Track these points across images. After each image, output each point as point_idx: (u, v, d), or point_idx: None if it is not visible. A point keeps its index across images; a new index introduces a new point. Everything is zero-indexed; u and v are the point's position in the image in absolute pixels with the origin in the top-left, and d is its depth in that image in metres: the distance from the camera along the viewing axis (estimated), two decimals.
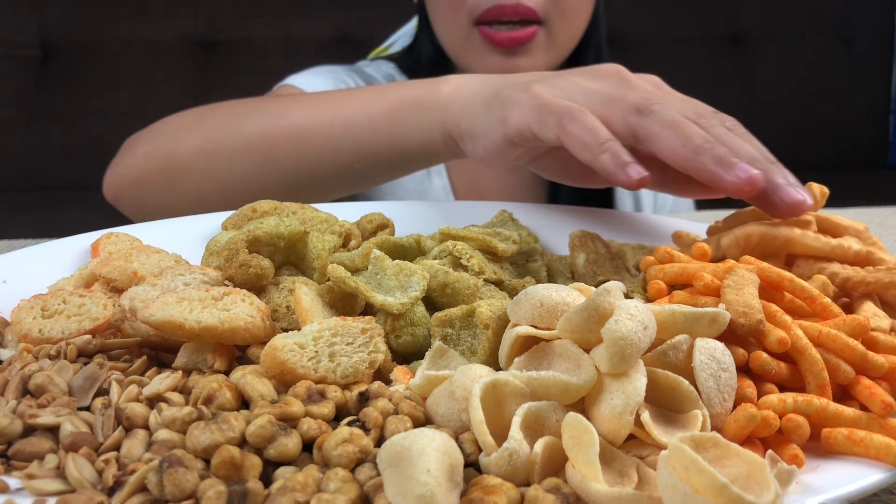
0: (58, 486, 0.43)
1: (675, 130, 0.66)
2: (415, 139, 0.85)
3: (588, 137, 0.67)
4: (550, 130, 0.70)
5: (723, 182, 0.63)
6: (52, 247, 0.73)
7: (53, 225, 1.10)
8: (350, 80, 1.29)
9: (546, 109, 0.71)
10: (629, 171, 0.65)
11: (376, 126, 0.87)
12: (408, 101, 0.86)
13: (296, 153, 0.91)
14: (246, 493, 0.41)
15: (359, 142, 0.88)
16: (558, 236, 0.80)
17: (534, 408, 0.45)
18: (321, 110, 0.91)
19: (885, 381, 0.52)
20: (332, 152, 0.90)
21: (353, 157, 0.89)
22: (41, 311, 0.58)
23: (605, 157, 0.66)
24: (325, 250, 0.64)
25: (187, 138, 0.98)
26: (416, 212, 0.83)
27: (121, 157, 1.04)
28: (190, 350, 0.54)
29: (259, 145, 0.93)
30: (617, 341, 0.45)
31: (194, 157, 0.95)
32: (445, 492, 0.40)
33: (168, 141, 0.99)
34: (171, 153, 0.98)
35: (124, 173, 1.01)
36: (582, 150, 0.68)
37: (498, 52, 1.17)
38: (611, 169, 0.66)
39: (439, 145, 0.84)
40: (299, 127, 0.92)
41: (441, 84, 0.84)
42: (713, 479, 0.38)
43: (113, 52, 2.17)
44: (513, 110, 0.74)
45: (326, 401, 0.48)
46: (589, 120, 0.68)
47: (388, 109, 0.87)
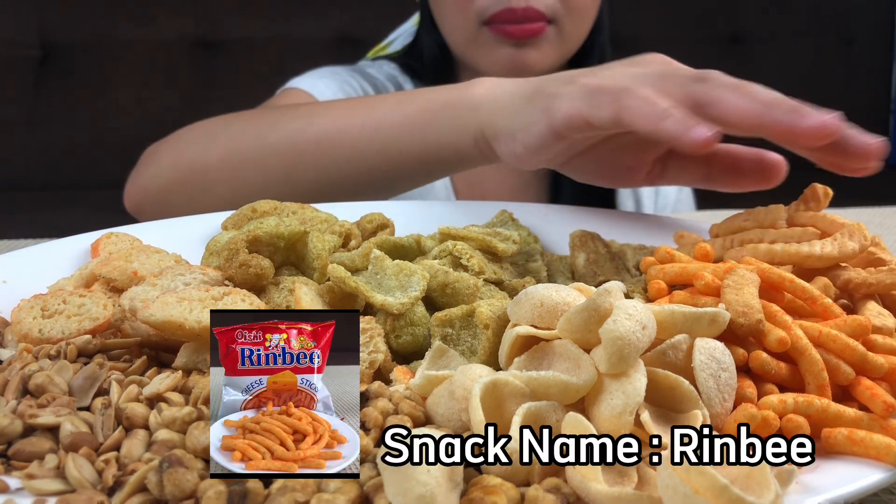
0: (58, 486, 0.43)
1: (739, 90, 0.64)
2: (446, 141, 0.84)
3: (647, 106, 0.65)
4: (605, 110, 0.68)
5: (799, 128, 0.62)
6: (52, 247, 0.73)
7: (53, 225, 1.10)
8: (354, 82, 1.29)
9: (598, 92, 0.68)
10: (697, 130, 0.63)
11: (407, 129, 0.86)
12: (439, 103, 0.84)
13: (324, 159, 0.90)
14: (246, 493, 0.41)
15: (389, 146, 0.87)
16: (558, 236, 0.80)
17: (534, 408, 0.45)
18: (350, 115, 0.90)
19: (885, 382, 0.52)
20: (361, 158, 0.89)
21: (382, 162, 0.88)
22: (41, 311, 0.58)
23: (670, 121, 0.64)
24: (325, 250, 0.64)
25: (212, 147, 0.96)
26: (416, 212, 0.83)
27: (142, 167, 1.02)
28: (190, 350, 0.54)
29: (287, 152, 0.91)
30: (615, 341, 0.46)
31: (220, 167, 0.94)
32: (445, 492, 0.40)
33: (192, 150, 0.98)
34: (196, 163, 0.96)
35: (146, 184, 1.00)
36: (643, 121, 0.65)
37: (507, 45, 1.17)
38: (678, 131, 0.63)
39: (471, 147, 0.82)
40: (328, 133, 0.90)
41: (473, 86, 0.83)
42: (714, 480, 0.38)
43: (113, 52, 2.17)
44: (560, 100, 0.71)
45: None
46: (645, 91, 0.66)
47: (419, 112, 0.85)
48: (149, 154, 1.03)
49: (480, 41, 1.19)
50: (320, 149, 0.90)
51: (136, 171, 1.03)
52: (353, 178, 0.90)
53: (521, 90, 0.77)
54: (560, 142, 0.74)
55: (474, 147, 0.82)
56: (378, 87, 1.31)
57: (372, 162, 0.89)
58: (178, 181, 0.96)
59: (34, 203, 2.04)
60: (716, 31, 2.43)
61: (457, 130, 0.82)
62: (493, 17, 1.16)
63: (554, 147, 0.75)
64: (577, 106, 0.70)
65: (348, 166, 0.90)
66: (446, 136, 0.83)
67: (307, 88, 1.23)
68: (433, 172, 0.91)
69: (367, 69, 1.34)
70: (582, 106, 0.69)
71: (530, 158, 0.77)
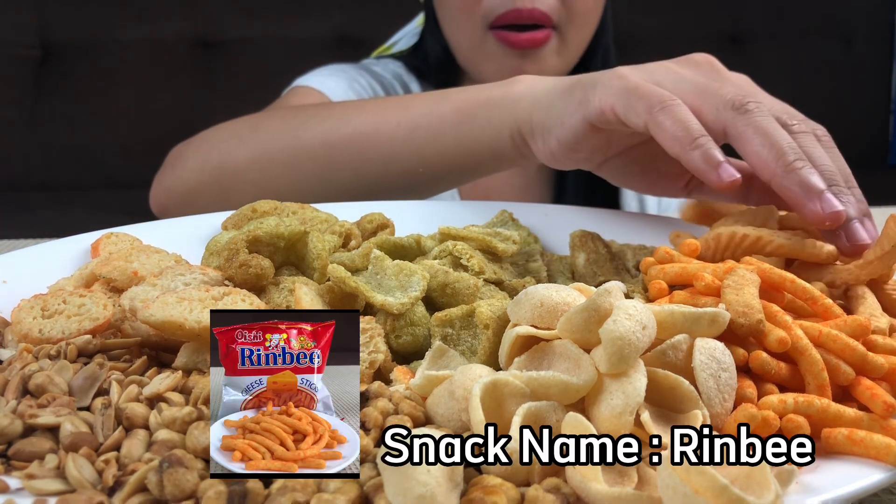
0: (58, 486, 0.43)
1: (767, 139, 0.63)
2: (483, 140, 0.82)
3: (679, 130, 0.64)
4: (638, 116, 0.67)
5: (805, 210, 0.62)
6: (52, 247, 0.73)
7: (53, 225, 1.10)
8: (362, 79, 1.29)
9: (634, 93, 0.67)
10: (721, 171, 0.62)
11: (443, 128, 0.85)
12: (477, 102, 0.83)
13: (359, 160, 0.89)
14: (246, 493, 0.41)
15: (425, 146, 0.86)
16: (558, 236, 0.80)
17: (534, 408, 0.45)
18: (385, 115, 0.89)
19: (885, 382, 0.52)
20: (396, 158, 0.88)
21: (417, 162, 0.87)
22: (41, 311, 0.58)
23: (697, 153, 0.63)
24: (325, 250, 0.64)
25: (241, 148, 0.95)
26: (416, 212, 0.83)
27: (168, 168, 1.01)
28: (190, 350, 0.54)
29: (320, 153, 0.90)
30: (615, 341, 0.45)
31: (249, 168, 0.93)
32: (445, 492, 0.40)
33: (220, 152, 0.96)
34: (224, 164, 0.95)
35: (173, 186, 0.99)
36: (672, 143, 0.65)
37: (512, 55, 1.17)
38: (702, 167, 0.63)
39: (507, 145, 0.81)
40: (362, 133, 0.89)
41: (513, 83, 0.81)
42: (714, 480, 0.38)
43: (113, 52, 2.17)
44: (595, 91, 0.70)
45: None
46: (681, 111, 0.65)
47: (455, 111, 0.84)
48: (174, 155, 1.02)
49: (485, 49, 1.19)
50: (354, 149, 0.89)
51: (161, 172, 1.02)
52: (387, 179, 0.89)
53: (560, 84, 0.76)
54: (594, 135, 0.73)
55: (511, 145, 0.81)
56: (385, 84, 1.31)
57: (407, 163, 0.87)
58: (206, 183, 0.95)
59: (34, 203, 2.04)
60: (716, 31, 2.43)
61: (493, 128, 0.81)
62: (500, 18, 1.15)
63: (588, 142, 0.73)
64: (611, 101, 0.69)
65: (383, 167, 0.88)
66: (483, 135, 0.82)
67: (317, 86, 1.22)
68: (469, 173, 0.89)
69: (372, 67, 1.34)
70: (616, 102, 0.68)
71: (565, 156, 0.76)
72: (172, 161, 1.02)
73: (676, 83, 0.69)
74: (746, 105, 0.65)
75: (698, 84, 0.68)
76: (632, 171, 0.79)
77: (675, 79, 0.69)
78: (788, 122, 0.66)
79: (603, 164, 0.79)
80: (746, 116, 0.64)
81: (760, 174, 0.64)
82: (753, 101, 0.65)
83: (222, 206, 0.85)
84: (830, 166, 0.64)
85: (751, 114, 0.64)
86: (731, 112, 0.65)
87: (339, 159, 0.90)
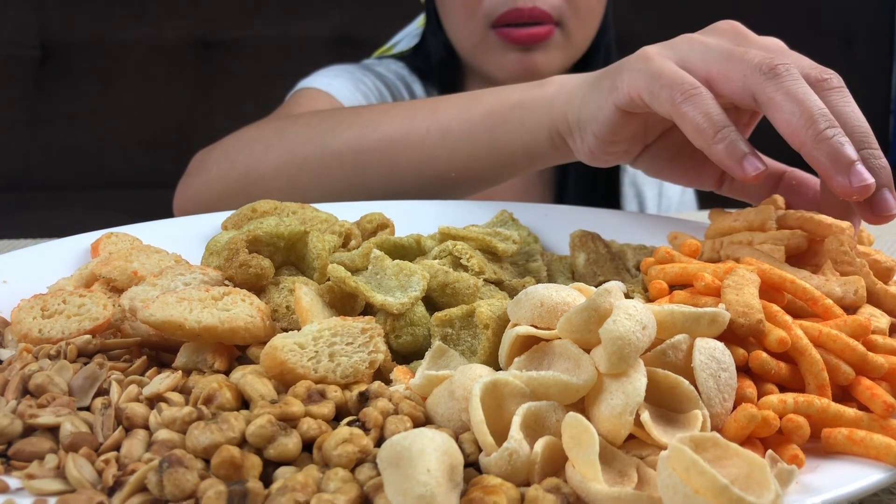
0: (58, 486, 0.43)
1: (797, 105, 0.61)
2: (517, 142, 0.82)
3: (703, 121, 0.63)
4: (662, 105, 0.66)
5: (833, 182, 0.60)
6: (52, 247, 0.73)
7: (53, 225, 1.10)
8: (367, 80, 1.29)
9: (658, 80, 0.66)
10: (746, 164, 0.62)
11: (475, 131, 0.84)
12: (508, 104, 0.83)
13: (389, 165, 0.88)
14: (246, 493, 0.41)
15: (457, 149, 0.86)
16: (558, 236, 0.80)
17: (534, 408, 0.45)
18: (415, 119, 0.88)
19: (885, 382, 0.52)
20: (427, 162, 0.87)
21: (448, 167, 0.87)
22: (41, 311, 0.58)
23: (721, 146, 0.62)
24: (325, 250, 0.64)
25: (267, 155, 0.94)
26: (416, 212, 0.83)
27: (192, 175, 1.00)
28: (190, 350, 0.54)
29: (349, 159, 0.90)
30: (615, 341, 0.45)
31: (276, 174, 0.92)
32: (445, 492, 0.40)
33: (245, 158, 0.95)
34: (250, 171, 0.94)
35: (197, 193, 0.98)
36: (696, 135, 0.64)
37: (515, 50, 1.17)
38: (726, 161, 0.62)
39: (545, 146, 0.80)
40: (392, 138, 0.88)
41: (545, 85, 0.81)
42: (714, 480, 0.38)
43: (113, 52, 2.17)
44: (622, 76, 0.69)
45: (326, 401, 0.48)
46: (704, 102, 0.64)
47: (487, 113, 0.84)
48: (197, 162, 1.01)
49: (488, 45, 1.19)
50: (384, 154, 0.88)
51: (184, 180, 1.01)
52: (418, 184, 0.89)
53: (590, 78, 0.76)
54: (629, 122, 0.72)
55: (550, 146, 0.80)
56: (389, 84, 1.31)
57: (438, 167, 0.87)
58: (232, 190, 0.94)
59: (34, 203, 2.04)
60: None
61: (529, 129, 0.81)
62: (501, 17, 1.16)
63: (624, 130, 0.72)
64: (637, 86, 0.68)
65: (414, 172, 0.88)
66: (518, 137, 0.82)
67: (324, 88, 1.22)
68: (501, 175, 0.89)
69: (375, 67, 1.34)
70: (642, 88, 0.67)
71: (604, 150, 0.75)
72: (196, 168, 1.01)
73: (703, 55, 0.67)
74: (775, 69, 0.63)
75: (724, 51, 0.67)
76: (667, 162, 0.78)
77: (702, 50, 0.68)
78: (819, 78, 0.64)
79: (640, 156, 0.78)
80: (775, 81, 0.63)
81: (790, 141, 0.63)
82: (782, 62, 0.63)
83: None
84: (862, 125, 0.63)
85: (779, 78, 0.63)
86: (760, 77, 0.63)
87: (368, 165, 0.89)
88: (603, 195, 1.32)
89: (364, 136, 0.90)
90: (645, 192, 1.41)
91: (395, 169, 0.89)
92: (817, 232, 0.66)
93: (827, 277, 0.60)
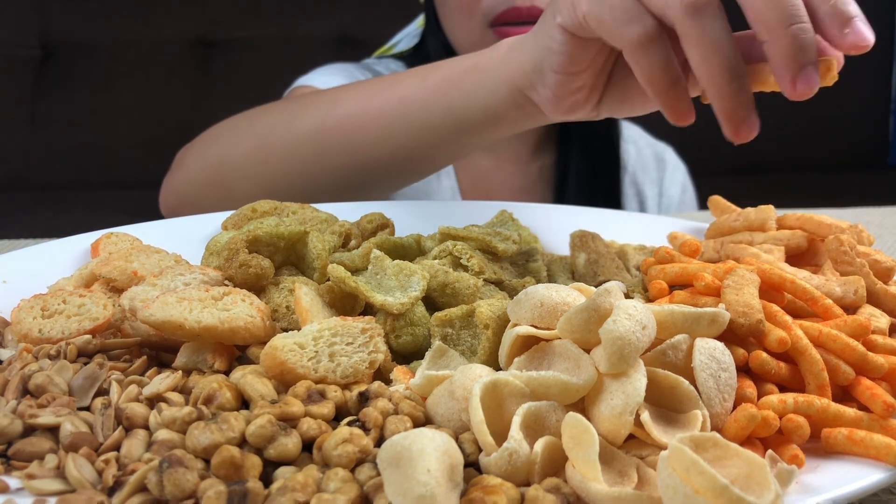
0: (58, 486, 0.43)
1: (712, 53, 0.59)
2: (475, 104, 0.81)
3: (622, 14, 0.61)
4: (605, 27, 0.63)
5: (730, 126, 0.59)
6: (52, 247, 0.73)
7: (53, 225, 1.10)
8: (363, 77, 1.29)
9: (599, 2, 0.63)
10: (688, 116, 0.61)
11: (430, 98, 0.84)
12: (463, 69, 0.82)
13: (349, 142, 0.88)
14: (246, 493, 0.41)
15: (413, 119, 0.85)
16: (558, 236, 0.80)
17: (534, 408, 0.45)
18: (373, 94, 0.88)
19: (885, 382, 0.52)
20: (386, 135, 0.87)
21: (407, 138, 0.86)
22: (41, 311, 0.58)
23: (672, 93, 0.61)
24: (325, 250, 0.64)
25: (238, 143, 0.95)
26: (416, 212, 0.83)
27: (173, 172, 1.02)
28: (190, 350, 0.54)
29: (312, 139, 0.90)
30: (615, 341, 0.45)
31: (246, 162, 0.93)
32: (445, 492, 0.40)
33: (218, 149, 0.97)
34: (223, 161, 0.95)
35: (179, 188, 0.99)
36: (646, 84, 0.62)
37: None
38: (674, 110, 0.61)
39: (507, 105, 0.79)
40: (351, 115, 0.89)
41: (498, 47, 0.80)
42: (714, 480, 0.38)
43: (113, 52, 2.17)
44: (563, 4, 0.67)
45: (326, 401, 0.48)
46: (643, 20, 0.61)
47: (442, 80, 0.83)
48: (179, 158, 1.03)
49: (486, 44, 1.19)
50: (345, 132, 0.88)
51: (168, 175, 1.03)
52: (379, 160, 0.88)
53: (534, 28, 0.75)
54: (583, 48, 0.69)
55: (512, 104, 0.79)
56: None
57: (399, 139, 0.87)
58: (208, 182, 0.96)
59: (34, 203, 2.03)
60: None
61: (486, 89, 0.80)
62: (499, 16, 1.16)
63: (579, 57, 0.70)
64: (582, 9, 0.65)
65: (375, 147, 0.88)
66: (475, 99, 0.81)
67: (320, 86, 1.22)
68: (462, 143, 0.87)
69: (374, 66, 1.34)
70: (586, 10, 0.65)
71: (566, 89, 0.72)
72: (176, 164, 1.03)
73: None
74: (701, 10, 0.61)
75: None
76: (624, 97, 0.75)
77: None
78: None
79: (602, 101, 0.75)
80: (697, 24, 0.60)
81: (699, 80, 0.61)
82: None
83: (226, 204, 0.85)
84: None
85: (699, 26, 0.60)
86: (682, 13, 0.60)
87: (331, 144, 0.89)
88: (603, 195, 1.32)
89: (326, 115, 0.90)
90: (645, 192, 1.41)
91: (356, 146, 0.89)
92: (817, 232, 0.66)
93: (827, 277, 0.60)
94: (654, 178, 1.42)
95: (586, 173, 1.29)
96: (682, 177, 1.46)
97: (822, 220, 0.66)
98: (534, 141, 1.31)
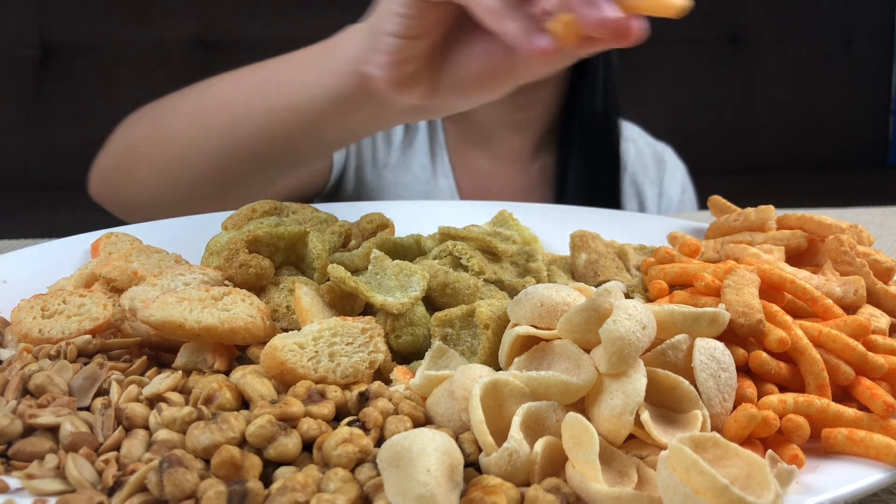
0: (58, 486, 0.43)
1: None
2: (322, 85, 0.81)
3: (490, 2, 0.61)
4: None
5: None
6: (52, 247, 0.73)
7: (53, 225, 1.10)
8: None
9: None
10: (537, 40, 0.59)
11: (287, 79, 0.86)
12: (318, 50, 0.84)
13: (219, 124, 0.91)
14: (246, 493, 0.41)
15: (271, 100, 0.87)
16: (558, 236, 0.80)
17: (534, 408, 0.45)
18: (244, 75, 0.92)
19: (885, 382, 0.52)
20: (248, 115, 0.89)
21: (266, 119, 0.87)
22: (41, 311, 0.58)
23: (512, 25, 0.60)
24: (325, 250, 0.64)
25: (138, 127, 0.99)
26: (416, 212, 0.83)
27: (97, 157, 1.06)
28: (190, 350, 0.54)
29: (191, 123, 0.93)
30: (615, 341, 0.45)
31: (144, 145, 0.97)
32: (445, 492, 0.40)
33: (124, 133, 1.01)
34: (126, 145, 1.00)
35: (96, 171, 1.04)
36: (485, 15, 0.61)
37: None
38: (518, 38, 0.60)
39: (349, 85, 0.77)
40: (221, 97, 0.92)
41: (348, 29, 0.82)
42: (714, 480, 0.38)
43: (113, 52, 2.17)
44: None
45: (326, 401, 0.48)
46: None
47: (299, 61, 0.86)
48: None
49: None
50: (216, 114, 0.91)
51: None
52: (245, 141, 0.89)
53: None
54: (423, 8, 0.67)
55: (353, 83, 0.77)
56: None
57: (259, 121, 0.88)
58: (114, 165, 1.00)
59: (34, 203, 2.03)
60: (716, 31, 2.43)
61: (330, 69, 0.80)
62: None
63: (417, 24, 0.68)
64: None
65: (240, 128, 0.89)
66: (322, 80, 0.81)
67: None
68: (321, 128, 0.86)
69: None
70: None
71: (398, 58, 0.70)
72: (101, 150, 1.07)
73: None
74: None
75: None
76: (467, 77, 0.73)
77: None
78: None
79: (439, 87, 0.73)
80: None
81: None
82: None
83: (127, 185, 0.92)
84: None
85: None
86: None
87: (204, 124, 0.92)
88: (603, 195, 1.32)
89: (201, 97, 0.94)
90: (645, 191, 1.41)
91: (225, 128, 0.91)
92: (817, 232, 0.66)
93: (827, 277, 0.60)
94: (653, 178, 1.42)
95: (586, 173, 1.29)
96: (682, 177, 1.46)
97: (822, 220, 0.66)
98: (534, 141, 1.31)
